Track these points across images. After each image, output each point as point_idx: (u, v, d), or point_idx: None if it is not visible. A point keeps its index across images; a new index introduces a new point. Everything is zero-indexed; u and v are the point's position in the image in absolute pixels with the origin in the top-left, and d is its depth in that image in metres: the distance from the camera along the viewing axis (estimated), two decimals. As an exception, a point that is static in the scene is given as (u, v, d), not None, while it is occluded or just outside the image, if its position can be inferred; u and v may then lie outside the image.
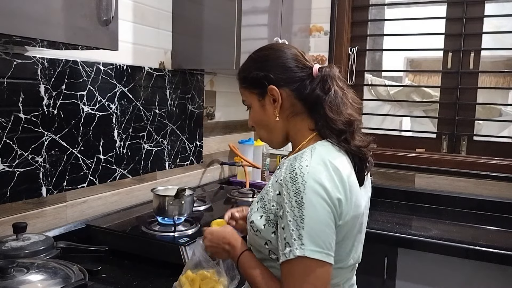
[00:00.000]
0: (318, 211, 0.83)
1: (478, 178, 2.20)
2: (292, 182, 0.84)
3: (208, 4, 1.84)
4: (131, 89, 1.71)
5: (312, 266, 0.82)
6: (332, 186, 0.85)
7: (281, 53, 1.00)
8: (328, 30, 2.47)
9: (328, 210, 0.84)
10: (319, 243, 0.82)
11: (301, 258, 0.82)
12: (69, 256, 1.22)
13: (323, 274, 0.84)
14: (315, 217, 0.82)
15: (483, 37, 2.25)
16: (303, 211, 0.82)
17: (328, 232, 0.84)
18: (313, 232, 0.82)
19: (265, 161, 2.49)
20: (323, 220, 0.83)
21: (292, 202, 0.83)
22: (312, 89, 0.96)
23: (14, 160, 1.28)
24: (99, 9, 1.11)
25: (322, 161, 0.88)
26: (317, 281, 0.83)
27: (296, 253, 0.82)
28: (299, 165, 0.86)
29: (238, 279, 1.16)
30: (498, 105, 2.98)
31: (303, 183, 0.84)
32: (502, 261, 1.65)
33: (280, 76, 0.98)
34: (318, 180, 0.84)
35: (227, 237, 1.03)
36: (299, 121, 0.99)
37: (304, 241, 0.82)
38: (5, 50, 1.23)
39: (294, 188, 0.84)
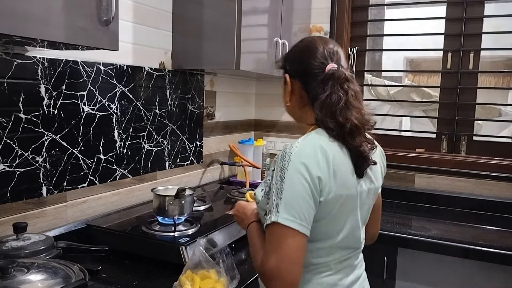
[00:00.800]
0: (296, 185, 0.92)
1: (478, 178, 2.20)
2: (281, 159, 0.96)
3: (208, 4, 1.84)
4: (131, 89, 1.71)
5: (284, 233, 0.92)
6: (314, 165, 0.94)
7: (305, 48, 1.09)
8: (328, 30, 2.47)
9: (306, 185, 0.93)
10: (292, 213, 0.92)
11: (276, 224, 0.92)
12: (70, 256, 1.22)
13: (295, 241, 0.92)
14: (291, 190, 0.92)
15: (483, 37, 2.25)
16: (283, 184, 0.93)
17: (303, 205, 0.93)
18: (288, 203, 0.92)
19: (265, 161, 2.49)
20: (299, 194, 0.92)
21: (277, 176, 0.95)
22: (314, 86, 1.04)
23: (15, 160, 1.28)
24: (99, 9, 1.11)
25: (311, 143, 0.97)
26: (287, 246, 0.91)
27: (272, 218, 0.92)
28: (290, 146, 0.97)
29: (238, 279, 1.17)
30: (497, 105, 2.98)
31: (288, 160, 0.94)
32: (502, 261, 1.65)
33: (294, 67, 1.10)
34: (301, 159, 0.94)
35: (246, 209, 1.17)
36: (306, 112, 1.09)
37: (279, 209, 0.92)
38: (6, 50, 1.23)
39: (281, 164, 0.95)
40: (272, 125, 2.70)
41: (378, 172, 1.11)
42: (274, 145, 2.67)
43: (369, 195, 1.08)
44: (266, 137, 2.69)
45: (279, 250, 0.91)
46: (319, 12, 2.49)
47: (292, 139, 2.59)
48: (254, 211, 1.14)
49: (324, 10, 2.48)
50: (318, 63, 1.04)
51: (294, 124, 2.64)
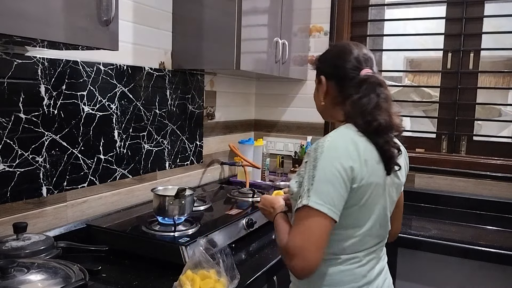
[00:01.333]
0: (327, 173, 1.00)
1: (478, 178, 2.20)
2: (314, 151, 1.04)
3: (208, 4, 1.84)
4: (131, 89, 1.71)
5: (312, 215, 0.99)
6: (345, 155, 1.02)
7: (340, 52, 1.17)
8: (328, 30, 2.47)
9: (337, 175, 1.00)
10: (322, 198, 0.99)
11: (306, 207, 0.99)
12: (70, 256, 1.23)
13: (321, 224, 0.99)
14: (323, 178, 1.00)
15: (483, 37, 2.25)
16: (315, 172, 1.00)
17: (333, 191, 1.00)
18: (319, 189, 0.99)
19: (265, 161, 2.49)
20: (330, 181, 1.00)
21: (310, 165, 1.02)
22: (348, 88, 1.12)
23: (15, 160, 1.28)
24: (100, 9, 1.11)
25: (342, 135, 1.07)
26: (314, 227, 0.99)
27: (303, 202, 0.99)
28: (323, 140, 1.06)
29: (238, 279, 1.17)
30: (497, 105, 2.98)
31: (321, 152, 1.02)
32: (502, 261, 1.65)
33: (330, 70, 1.17)
34: (333, 150, 1.02)
35: (273, 202, 1.27)
36: (338, 111, 1.17)
37: (311, 193, 0.99)
38: (6, 50, 1.23)
39: (314, 155, 1.03)
40: (272, 125, 2.70)
41: (403, 170, 1.18)
42: (274, 145, 2.67)
43: (393, 189, 1.15)
44: (266, 137, 2.69)
45: (305, 230, 0.99)
46: (319, 12, 2.49)
47: (292, 139, 2.60)
48: (280, 204, 1.26)
49: (324, 10, 2.48)
50: (353, 67, 1.13)
51: (294, 124, 2.65)
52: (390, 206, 1.15)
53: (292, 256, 0.99)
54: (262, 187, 2.23)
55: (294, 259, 0.98)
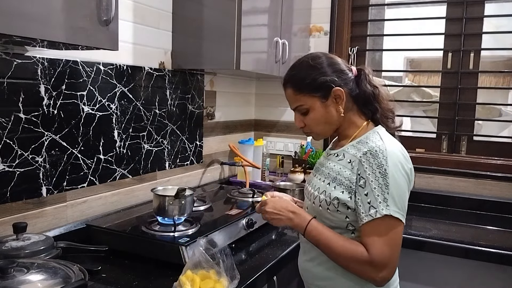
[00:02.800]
0: (399, 180, 1.02)
1: (478, 178, 2.20)
2: (374, 157, 1.03)
3: (208, 4, 1.84)
4: (131, 89, 1.71)
5: (394, 224, 1.01)
6: (405, 159, 1.06)
7: (333, 60, 1.17)
8: (328, 30, 2.47)
9: (406, 179, 1.04)
10: (399, 206, 1.01)
11: (387, 216, 1.00)
12: (69, 256, 1.22)
13: (400, 231, 1.03)
14: (396, 185, 1.01)
15: (483, 37, 2.25)
16: (387, 179, 1.01)
17: (405, 198, 1.04)
18: (396, 197, 1.01)
19: (265, 161, 2.49)
20: (403, 188, 1.03)
21: (376, 173, 1.02)
22: (363, 88, 1.15)
23: (14, 160, 1.28)
24: (99, 9, 1.11)
25: (391, 140, 1.09)
26: (397, 236, 1.02)
27: (382, 212, 1.00)
28: (375, 145, 1.06)
29: (238, 279, 1.16)
30: (498, 105, 2.98)
31: (384, 158, 1.02)
32: (502, 261, 1.65)
33: (341, 78, 1.14)
34: (395, 155, 1.04)
35: (290, 206, 1.17)
36: (352, 115, 1.17)
37: (389, 203, 1.00)
38: (5, 50, 1.23)
39: (376, 162, 1.02)
40: (272, 125, 2.70)
41: None
42: (274, 145, 2.67)
43: None
44: (266, 137, 2.69)
45: (391, 241, 1.01)
46: (319, 12, 2.49)
47: (292, 139, 2.59)
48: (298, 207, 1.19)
49: (324, 10, 2.48)
50: (347, 68, 1.17)
51: (294, 124, 2.63)
52: None
53: (382, 268, 1.01)
54: (262, 187, 2.23)
55: (383, 271, 1.01)
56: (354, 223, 1.09)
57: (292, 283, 1.62)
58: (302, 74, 1.16)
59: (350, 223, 1.09)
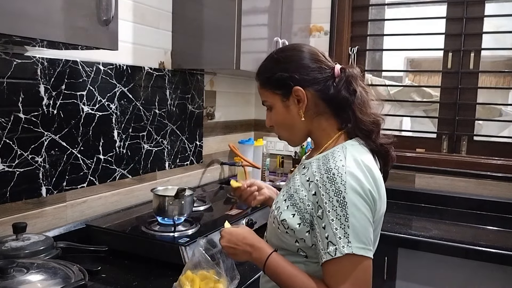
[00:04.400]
0: (360, 209, 0.87)
1: (478, 178, 2.20)
2: (331, 182, 0.88)
3: (208, 4, 1.84)
4: (131, 89, 1.71)
5: (359, 262, 0.86)
6: (368, 185, 0.89)
7: (304, 54, 1.01)
8: (328, 30, 2.47)
9: (367, 208, 0.88)
10: (363, 240, 0.86)
11: (349, 255, 0.85)
12: (69, 256, 1.22)
13: (368, 268, 0.88)
14: (358, 215, 0.86)
15: (483, 37, 2.25)
16: (347, 210, 0.86)
17: (369, 229, 0.88)
18: (357, 230, 0.86)
19: (265, 161, 2.49)
20: (365, 218, 0.87)
21: (333, 201, 0.87)
22: (337, 90, 0.98)
23: (14, 160, 1.28)
24: (99, 9, 1.11)
25: (355, 161, 0.91)
26: (364, 275, 0.87)
27: (344, 251, 0.85)
28: (335, 166, 0.90)
29: (238, 279, 1.16)
30: (498, 105, 2.98)
31: (342, 183, 0.87)
32: (502, 261, 1.65)
33: (305, 77, 0.99)
34: (356, 180, 0.88)
35: (249, 238, 1.02)
36: (324, 121, 1.01)
37: (350, 239, 0.85)
38: (5, 50, 1.23)
39: (333, 188, 0.87)
40: (272, 125, 2.69)
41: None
42: (274, 145, 2.67)
43: None
44: (266, 137, 2.68)
45: (357, 281, 0.87)
46: (319, 12, 2.49)
47: (292, 139, 2.58)
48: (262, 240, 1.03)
49: (324, 10, 2.47)
50: (326, 66, 1.01)
51: (294, 124, 2.64)
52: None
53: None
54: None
55: None
56: (305, 250, 0.95)
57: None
58: (265, 67, 1.07)
59: (300, 249, 0.96)
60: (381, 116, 1.00)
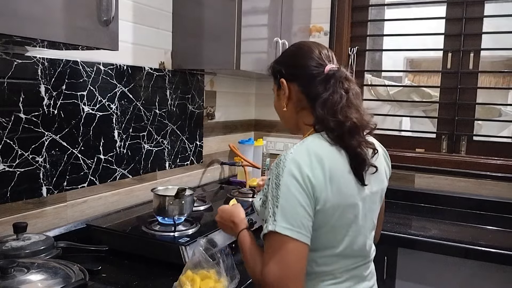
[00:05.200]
0: (292, 192, 0.90)
1: (478, 178, 2.20)
2: (276, 167, 0.95)
3: (208, 4, 1.84)
4: (131, 89, 1.71)
5: (283, 242, 0.89)
6: (309, 172, 0.92)
7: (299, 51, 1.09)
8: (328, 30, 2.47)
9: (302, 192, 0.91)
10: (290, 221, 0.89)
11: (273, 233, 0.90)
12: (69, 256, 1.23)
13: (294, 250, 0.89)
14: (288, 197, 0.90)
15: (483, 37, 2.25)
16: (279, 191, 0.91)
17: (300, 212, 0.90)
18: (286, 211, 0.90)
19: (265, 161, 2.49)
20: (296, 201, 0.90)
21: (273, 184, 0.93)
22: (314, 87, 1.03)
23: (15, 160, 1.28)
24: (99, 9, 1.11)
25: (305, 150, 0.95)
26: (288, 255, 0.89)
27: (269, 228, 0.90)
28: (285, 154, 0.96)
29: (238, 279, 1.17)
30: (497, 105, 2.98)
31: (283, 167, 0.93)
32: (502, 261, 1.65)
33: (290, 71, 1.07)
34: (295, 166, 0.92)
35: (234, 215, 1.14)
36: (305, 115, 1.07)
37: (277, 217, 0.90)
38: (6, 50, 1.23)
39: (276, 172, 0.94)
40: (272, 125, 2.70)
41: (382, 173, 1.09)
42: (274, 145, 2.67)
43: (374, 199, 1.06)
44: (266, 137, 2.69)
45: (279, 260, 0.89)
46: (319, 12, 2.49)
47: (292, 139, 2.59)
48: (241, 217, 1.14)
49: (324, 10, 2.48)
50: (316, 64, 1.04)
51: (294, 124, 2.64)
52: (370, 222, 1.06)
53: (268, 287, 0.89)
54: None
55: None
56: None
57: (292, 283, 1.61)
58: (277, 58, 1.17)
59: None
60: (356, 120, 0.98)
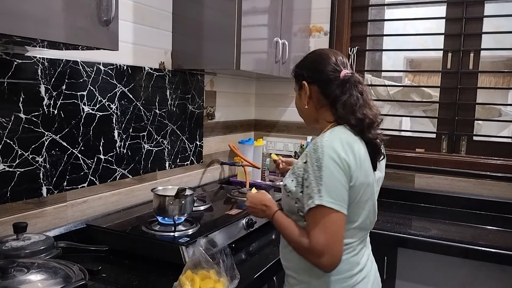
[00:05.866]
0: (333, 172, 1.08)
1: (478, 178, 2.20)
2: (314, 152, 1.11)
3: (208, 4, 1.84)
4: (131, 89, 1.71)
5: (328, 213, 1.07)
6: (344, 155, 1.10)
7: (318, 57, 1.26)
8: (328, 30, 2.47)
9: (340, 172, 1.09)
10: (333, 196, 1.07)
11: (320, 206, 1.07)
12: (70, 256, 1.22)
13: (337, 220, 1.08)
14: (330, 177, 1.08)
15: (483, 37, 2.25)
16: (322, 172, 1.08)
17: (340, 189, 1.09)
18: (328, 188, 1.07)
19: (265, 161, 2.49)
20: (336, 180, 1.08)
21: (314, 166, 1.09)
22: (332, 90, 1.21)
23: (15, 160, 1.28)
24: (100, 9, 1.11)
25: (338, 138, 1.14)
26: (332, 224, 1.07)
27: (316, 202, 1.07)
28: (320, 140, 1.13)
29: (238, 279, 1.17)
30: (497, 105, 2.98)
31: (321, 152, 1.10)
32: (502, 261, 1.66)
33: (311, 75, 1.25)
34: (333, 149, 1.10)
35: (264, 199, 1.29)
36: (323, 112, 1.25)
37: (322, 194, 1.07)
38: (6, 50, 1.23)
39: (315, 156, 1.10)
40: (272, 125, 2.70)
41: (383, 162, 1.29)
42: (274, 145, 2.67)
43: (378, 183, 1.27)
44: (266, 137, 2.69)
45: (326, 228, 1.07)
46: (319, 12, 2.49)
47: (292, 139, 2.59)
48: (272, 201, 1.29)
49: (324, 10, 2.48)
50: (332, 69, 1.22)
51: (294, 124, 2.64)
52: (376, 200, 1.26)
53: (320, 254, 1.07)
54: (262, 187, 2.23)
55: (322, 257, 1.07)
56: (301, 209, 1.16)
57: (292, 283, 1.62)
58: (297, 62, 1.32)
59: (299, 209, 1.17)
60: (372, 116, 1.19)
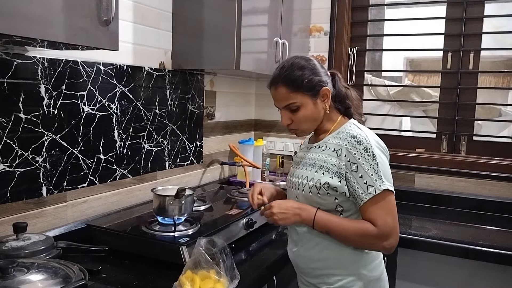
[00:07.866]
0: (383, 159, 1.20)
1: (478, 178, 2.20)
2: (359, 143, 1.19)
3: (208, 4, 1.84)
4: (131, 89, 1.71)
5: (390, 196, 1.18)
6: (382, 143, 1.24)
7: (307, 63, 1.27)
8: (328, 30, 2.47)
9: (386, 158, 1.22)
10: (390, 180, 1.19)
11: (385, 191, 1.16)
12: (70, 256, 1.22)
13: (394, 202, 1.20)
14: (383, 164, 1.18)
15: (483, 37, 2.25)
16: (376, 161, 1.17)
17: (390, 173, 1.21)
18: (385, 173, 1.18)
19: (265, 161, 2.49)
20: (386, 165, 1.21)
21: (365, 156, 1.17)
22: (339, 88, 1.31)
23: (15, 160, 1.28)
24: (99, 9, 1.11)
25: (364, 128, 1.26)
26: (393, 206, 1.20)
27: (381, 188, 1.15)
28: (356, 133, 1.22)
29: (238, 279, 1.17)
30: (497, 105, 2.98)
31: (368, 142, 1.19)
32: (502, 261, 1.66)
33: (323, 79, 1.27)
34: (374, 139, 1.22)
35: (294, 204, 1.27)
36: (330, 111, 1.31)
37: (383, 179, 1.16)
38: (6, 50, 1.23)
39: (362, 147, 1.18)
40: (272, 125, 2.70)
41: None
42: (274, 145, 2.67)
43: None
44: (266, 137, 2.69)
45: (390, 211, 1.18)
46: (319, 12, 2.49)
47: (292, 139, 2.60)
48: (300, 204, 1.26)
49: (324, 10, 2.48)
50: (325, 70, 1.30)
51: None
52: None
53: (388, 237, 1.16)
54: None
55: (389, 239, 1.17)
56: (342, 204, 1.21)
57: (292, 283, 1.61)
58: (298, 74, 1.24)
59: (338, 204, 1.22)
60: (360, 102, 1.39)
